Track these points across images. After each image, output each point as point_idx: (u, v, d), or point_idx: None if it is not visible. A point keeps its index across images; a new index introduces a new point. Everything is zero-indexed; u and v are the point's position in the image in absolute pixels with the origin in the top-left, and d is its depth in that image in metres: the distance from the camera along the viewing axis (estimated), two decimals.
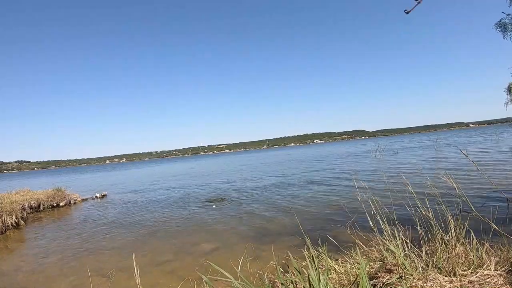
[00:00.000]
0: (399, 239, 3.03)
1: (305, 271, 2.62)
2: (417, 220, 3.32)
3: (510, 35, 5.77)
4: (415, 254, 2.87)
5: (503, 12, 5.82)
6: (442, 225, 3.12)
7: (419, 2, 3.62)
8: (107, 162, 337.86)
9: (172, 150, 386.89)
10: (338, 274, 2.98)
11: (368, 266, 2.95)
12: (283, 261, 4.33)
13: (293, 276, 2.90)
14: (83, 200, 15.18)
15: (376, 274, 2.70)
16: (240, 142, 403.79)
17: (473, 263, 2.56)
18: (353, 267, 3.06)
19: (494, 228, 2.88)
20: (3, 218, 9.60)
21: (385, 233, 3.23)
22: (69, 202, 14.13)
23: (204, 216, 9.16)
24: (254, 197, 11.56)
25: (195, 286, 3.92)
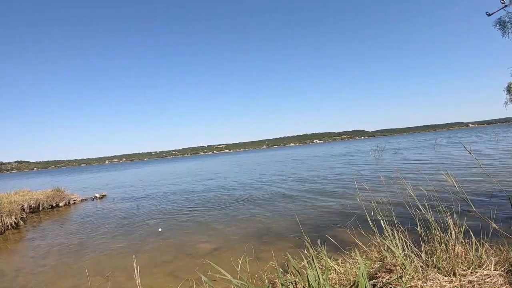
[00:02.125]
0: (399, 239, 3.03)
1: (304, 271, 2.62)
2: (416, 220, 3.32)
3: (509, 33, 5.75)
4: (414, 254, 2.86)
5: (504, 9, 5.81)
6: (442, 225, 3.13)
7: (506, 5, 3.61)
8: (107, 162, 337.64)
9: (172, 150, 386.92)
10: (337, 274, 2.98)
11: (367, 266, 2.95)
12: (283, 261, 4.33)
13: (292, 276, 2.90)
14: (82, 200, 15.16)
15: (376, 274, 2.70)
16: (239, 142, 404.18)
17: (472, 263, 2.56)
18: (352, 267, 3.05)
19: (494, 228, 2.88)
20: (2, 218, 9.58)
21: (384, 233, 3.23)
22: (69, 203, 14.12)
23: (203, 216, 9.15)
24: (252, 197, 11.56)
25: (194, 286, 3.92)
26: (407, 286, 2.33)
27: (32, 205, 12.42)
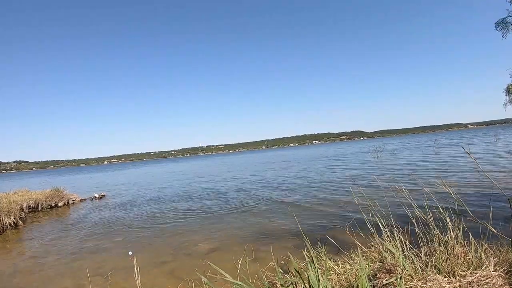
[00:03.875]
0: (398, 240, 3.04)
1: (304, 271, 2.62)
2: (416, 221, 3.32)
3: (509, 33, 5.77)
4: (414, 255, 2.87)
5: (507, 9, 5.80)
6: (441, 226, 3.13)
7: None
8: (106, 162, 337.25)
9: (171, 151, 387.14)
10: (337, 275, 2.98)
11: (367, 266, 2.95)
12: (283, 262, 4.33)
13: (292, 277, 2.91)
14: (81, 200, 15.13)
15: (376, 274, 2.70)
16: (239, 143, 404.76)
17: (472, 264, 2.57)
18: (352, 268, 3.06)
19: (493, 229, 2.89)
20: (1, 218, 9.56)
21: (384, 234, 3.24)
22: (68, 203, 14.09)
23: (202, 216, 9.15)
24: (251, 198, 11.56)
25: (193, 286, 3.92)
26: (407, 286, 2.34)
27: (31, 205, 12.39)
